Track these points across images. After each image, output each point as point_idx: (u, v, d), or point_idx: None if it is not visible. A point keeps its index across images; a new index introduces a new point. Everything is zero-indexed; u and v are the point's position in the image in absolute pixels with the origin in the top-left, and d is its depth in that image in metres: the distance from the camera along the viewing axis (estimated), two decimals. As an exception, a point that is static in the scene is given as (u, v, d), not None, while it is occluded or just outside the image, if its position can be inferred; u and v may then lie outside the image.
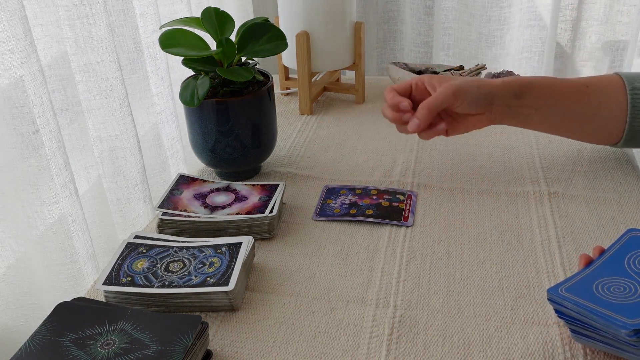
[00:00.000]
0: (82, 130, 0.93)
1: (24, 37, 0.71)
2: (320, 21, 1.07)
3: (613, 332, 0.53)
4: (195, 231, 0.80)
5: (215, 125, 0.86)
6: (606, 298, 0.56)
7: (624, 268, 0.60)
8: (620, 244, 0.63)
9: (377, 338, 0.64)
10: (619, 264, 0.60)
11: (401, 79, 1.15)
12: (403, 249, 0.77)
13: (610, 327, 0.53)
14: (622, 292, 0.56)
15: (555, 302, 0.58)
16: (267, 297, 0.70)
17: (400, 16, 1.85)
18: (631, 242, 0.63)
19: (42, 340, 0.58)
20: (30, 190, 0.77)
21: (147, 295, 0.67)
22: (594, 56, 1.79)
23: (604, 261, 0.61)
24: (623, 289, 0.57)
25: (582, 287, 0.58)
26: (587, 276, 0.60)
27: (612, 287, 0.57)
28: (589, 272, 0.60)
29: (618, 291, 0.56)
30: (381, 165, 0.96)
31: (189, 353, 0.57)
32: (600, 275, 0.59)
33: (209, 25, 0.85)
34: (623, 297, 0.56)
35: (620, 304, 0.55)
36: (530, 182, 0.89)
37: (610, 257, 0.62)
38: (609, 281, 0.58)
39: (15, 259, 0.80)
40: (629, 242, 0.63)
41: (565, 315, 0.58)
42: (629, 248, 0.62)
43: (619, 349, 0.55)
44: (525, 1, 1.71)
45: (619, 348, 0.54)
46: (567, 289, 0.58)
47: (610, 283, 0.58)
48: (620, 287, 0.57)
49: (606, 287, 0.57)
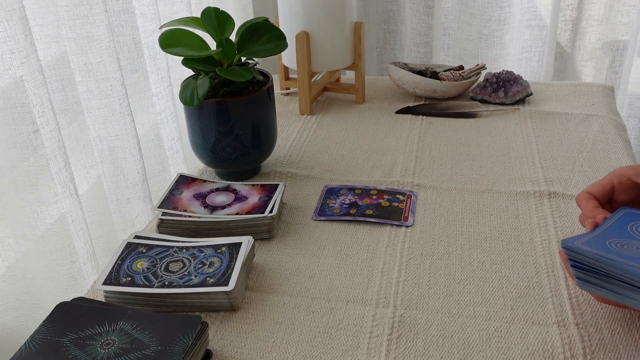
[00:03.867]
0: (82, 130, 0.93)
1: (24, 37, 0.71)
2: (320, 21, 1.07)
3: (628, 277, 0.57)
4: (195, 231, 0.80)
5: (215, 125, 0.86)
6: (620, 251, 0.60)
7: (629, 233, 0.63)
8: (616, 218, 0.66)
9: (377, 338, 0.64)
10: (623, 230, 0.64)
11: (401, 78, 1.15)
12: (403, 249, 0.77)
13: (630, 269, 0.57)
14: (635, 249, 0.60)
15: (571, 249, 0.61)
16: (267, 297, 0.70)
17: (400, 16, 1.85)
18: (627, 216, 0.66)
19: (42, 340, 0.58)
20: (30, 190, 0.77)
21: (147, 295, 0.67)
22: (594, 56, 1.79)
23: (610, 226, 0.64)
24: (635, 248, 0.60)
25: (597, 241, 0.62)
26: (600, 234, 0.63)
27: (624, 245, 0.61)
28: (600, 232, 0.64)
29: (630, 248, 0.60)
30: (381, 165, 0.96)
31: (188, 353, 0.57)
32: (610, 236, 0.63)
33: (209, 25, 0.85)
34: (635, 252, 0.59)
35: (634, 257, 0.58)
36: (530, 182, 0.89)
37: (612, 225, 0.65)
38: (619, 240, 0.62)
39: (15, 259, 0.80)
40: (625, 216, 0.66)
41: (577, 262, 0.61)
42: (628, 220, 0.66)
43: (623, 296, 0.58)
44: (525, 1, 1.71)
45: (623, 294, 0.58)
46: (582, 243, 0.61)
47: (622, 242, 0.62)
48: (633, 246, 0.60)
49: (619, 244, 0.61)
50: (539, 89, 1.19)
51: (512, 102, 1.12)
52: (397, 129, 1.07)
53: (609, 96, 1.16)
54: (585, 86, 1.19)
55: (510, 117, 1.09)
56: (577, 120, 1.06)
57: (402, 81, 1.16)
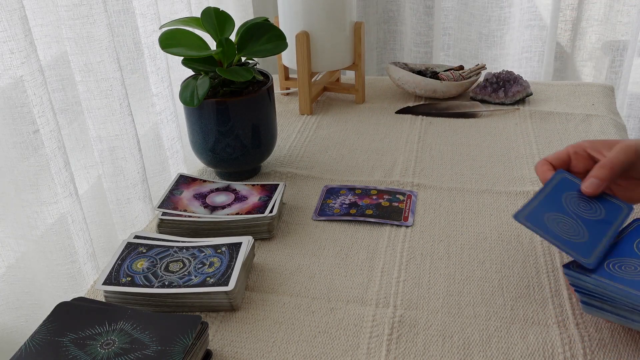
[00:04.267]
0: (82, 130, 0.93)
1: (24, 37, 0.71)
2: (320, 21, 1.07)
3: (630, 303, 0.58)
4: (195, 231, 0.80)
5: (215, 125, 0.86)
6: (617, 274, 0.60)
7: (633, 251, 0.64)
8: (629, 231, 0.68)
9: (377, 338, 0.64)
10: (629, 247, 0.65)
11: (401, 78, 1.15)
12: (403, 249, 0.77)
13: (630, 297, 0.58)
14: (633, 270, 0.61)
15: (572, 276, 0.62)
16: (267, 297, 0.70)
17: (400, 16, 1.86)
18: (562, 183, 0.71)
19: (42, 340, 0.58)
20: (30, 190, 0.77)
21: (147, 295, 0.67)
22: (594, 56, 1.79)
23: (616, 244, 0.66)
24: (634, 268, 0.61)
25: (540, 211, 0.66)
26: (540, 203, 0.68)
27: (623, 266, 0.62)
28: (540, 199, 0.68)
29: (629, 269, 0.61)
30: (381, 165, 0.96)
31: (188, 353, 0.57)
32: (611, 255, 0.64)
33: (209, 25, 0.85)
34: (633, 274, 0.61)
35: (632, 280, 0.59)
36: (530, 182, 0.89)
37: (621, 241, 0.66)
38: (619, 261, 0.63)
39: (15, 259, 0.81)
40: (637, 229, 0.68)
41: (581, 288, 0.61)
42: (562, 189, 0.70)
43: (628, 319, 0.58)
44: (525, 1, 1.71)
45: (628, 318, 0.58)
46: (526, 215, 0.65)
47: (621, 263, 0.62)
48: (631, 267, 0.61)
49: (617, 266, 0.62)
50: (539, 89, 1.19)
51: (512, 102, 1.12)
52: (397, 129, 1.07)
53: (609, 96, 1.16)
54: (585, 86, 1.19)
55: (510, 117, 1.09)
56: (577, 120, 1.06)
57: (402, 81, 1.16)
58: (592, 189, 0.70)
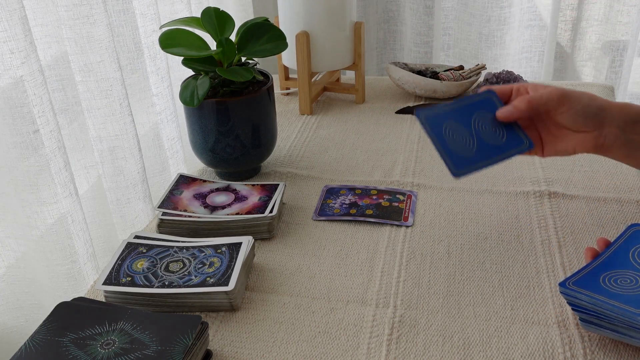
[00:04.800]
0: (82, 130, 0.93)
1: (24, 37, 0.71)
2: (320, 21, 1.07)
3: (627, 321, 0.57)
4: (195, 231, 0.80)
5: (215, 125, 0.86)
6: (614, 290, 0.60)
7: (629, 261, 0.63)
8: (623, 239, 0.66)
9: (377, 338, 0.64)
10: (624, 257, 0.64)
11: (401, 78, 1.15)
12: (403, 249, 0.77)
13: (626, 315, 0.57)
14: (629, 284, 0.60)
15: (569, 295, 0.61)
16: (267, 297, 0.70)
17: (400, 16, 1.86)
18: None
19: (42, 340, 0.58)
20: (30, 190, 0.77)
21: (147, 295, 0.67)
22: (594, 56, 1.79)
23: (611, 254, 0.65)
24: (629, 282, 0.61)
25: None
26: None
27: (618, 279, 0.61)
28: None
29: (624, 283, 0.61)
30: (381, 165, 0.96)
31: (188, 353, 0.57)
32: (607, 268, 0.63)
33: (209, 25, 0.85)
34: (629, 288, 0.60)
35: (628, 295, 0.59)
36: (530, 182, 0.89)
37: (616, 250, 0.65)
38: (615, 274, 0.62)
39: (15, 259, 0.80)
40: (632, 237, 0.66)
41: (577, 306, 0.61)
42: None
43: (626, 335, 0.58)
44: (525, 1, 1.71)
45: (626, 334, 0.58)
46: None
47: (617, 276, 0.62)
48: (627, 280, 0.61)
49: (613, 280, 0.61)
50: (539, 89, 1.19)
51: (512, 102, 1.12)
52: (397, 129, 1.07)
53: (609, 96, 1.16)
54: (585, 86, 1.19)
55: (510, 117, 1.09)
56: (577, 120, 1.06)
57: (402, 81, 1.16)
58: (504, 115, 0.74)
